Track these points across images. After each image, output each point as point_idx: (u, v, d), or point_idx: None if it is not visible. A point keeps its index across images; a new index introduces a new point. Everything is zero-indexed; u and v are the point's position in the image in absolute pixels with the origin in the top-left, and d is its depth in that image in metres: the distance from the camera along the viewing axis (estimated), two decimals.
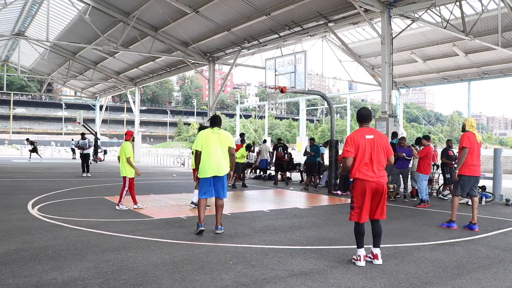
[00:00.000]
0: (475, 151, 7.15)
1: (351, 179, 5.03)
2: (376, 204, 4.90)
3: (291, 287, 4.03)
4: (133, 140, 9.17)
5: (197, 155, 6.28)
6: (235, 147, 6.70)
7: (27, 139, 31.80)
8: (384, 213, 4.96)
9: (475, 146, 7.13)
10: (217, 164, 6.20)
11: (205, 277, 4.25)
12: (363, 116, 5.03)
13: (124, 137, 9.18)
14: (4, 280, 4.04)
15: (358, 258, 4.86)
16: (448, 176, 11.54)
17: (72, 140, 37.01)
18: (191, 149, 6.61)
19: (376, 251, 4.92)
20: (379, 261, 4.89)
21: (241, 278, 4.25)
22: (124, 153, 8.67)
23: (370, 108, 5.60)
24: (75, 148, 31.29)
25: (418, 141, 11.26)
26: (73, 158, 33.43)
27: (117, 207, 8.50)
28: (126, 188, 8.62)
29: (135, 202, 8.73)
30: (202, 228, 6.23)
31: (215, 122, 6.45)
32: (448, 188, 11.78)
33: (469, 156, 7.10)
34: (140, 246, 5.45)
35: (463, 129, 7.39)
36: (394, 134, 12.11)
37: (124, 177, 8.65)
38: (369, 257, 4.96)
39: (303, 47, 19.85)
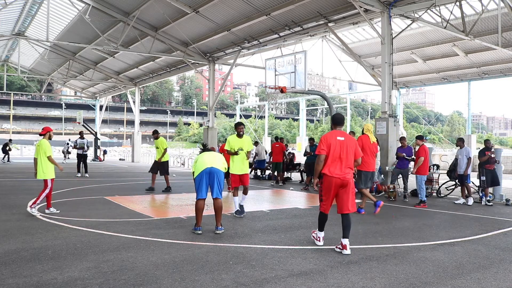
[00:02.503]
0: (368, 150, 8.68)
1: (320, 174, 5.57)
2: (344, 198, 5.41)
3: (291, 287, 4.03)
4: (50, 138, 7.95)
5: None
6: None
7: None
8: (354, 206, 5.49)
9: (368, 147, 8.70)
10: (211, 159, 6.44)
11: (205, 277, 4.25)
12: (338, 119, 5.68)
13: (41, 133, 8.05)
14: (4, 280, 4.04)
15: (318, 239, 5.69)
16: (483, 178, 10.73)
17: (69, 140, 34.84)
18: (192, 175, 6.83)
19: (345, 241, 5.33)
20: (347, 251, 5.28)
21: (241, 278, 4.25)
22: (43, 152, 7.68)
23: (342, 113, 6.16)
24: (70, 149, 30.01)
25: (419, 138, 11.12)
26: (63, 161, 31.92)
27: (30, 210, 7.69)
28: (47, 191, 7.75)
29: (49, 206, 7.90)
30: (199, 232, 6.29)
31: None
32: (484, 192, 10.90)
33: (364, 155, 8.24)
34: (140, 246, 5.45)
35: (362, 132, 9.07)
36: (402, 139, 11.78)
37: (46, 180, 7.73)
38: (339, 248, 5.39)
39: (303, 47, 19.86)
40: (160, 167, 12.24)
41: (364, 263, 4.92)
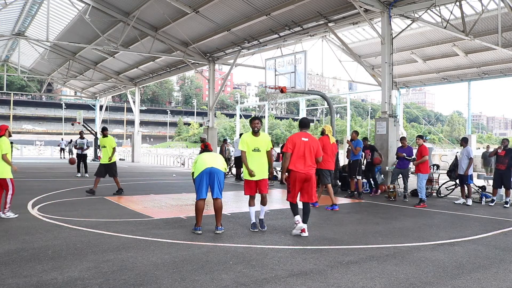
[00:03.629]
0: (328, 150, 9.38)
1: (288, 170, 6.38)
2: (306, 189, 6.30)
3: (291, 287, 4.03)
4: (9, 135, 7.61)
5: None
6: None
7: None
8: (313, 197, 6.35)
9: (328, 147, 9.41)
10: (212, 159, 6.39)
11: (205, 277, 4.25)
12: (304, 123, 6.63)
13: None
14: (4, 280, 4.04)
15: (297, 222, 6.28)
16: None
17: (62, 139, 37.37)
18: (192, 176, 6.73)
19: (304, 226, 6.28)
20: (306, 234, 6.26)
21: (241, 278, 4.25)
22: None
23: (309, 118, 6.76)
24: (70, 148, 31.37)
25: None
26: (60, 158, 33.60)
27: (3, 215, 7.28)
28: (11, 192, 7.35)
29: (5, 208, 7.36)
30: (199, 232, 6.28)
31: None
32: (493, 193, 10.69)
33: (324, 155, 8.91)
34: (140, 246, 5.45)
35: (322, 134, 9.79)
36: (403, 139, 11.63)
37: (4, 179, 7.32)
38: (299, 232, 6.26)
39: (303, 47, 19.87)
40: (108, 169, 11.08)
41: (364, 263, 4.92)
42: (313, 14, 15.42)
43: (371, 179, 12.43)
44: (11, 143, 7.83)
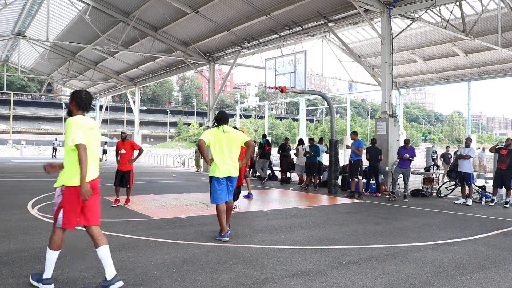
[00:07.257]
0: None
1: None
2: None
3: (291, 287, 4.03)
4: None
5: (202, 147, 5.66)
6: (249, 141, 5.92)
7: None
8: (242, 181, 8.20)
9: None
10: (228, 168, 5.83)
11: (205, 277, 4.24)
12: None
13: None
14: (4, 280, 4.03)
15: (238, 204, 8.61)
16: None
17: (55, 139, 38.38)
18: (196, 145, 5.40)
19: (237, 204, 8.45)
20: (238, 209, 8.37)
21: (241, 278, 4.25)
22: None
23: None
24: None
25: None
26: (52, 157, 34.14)
27: None
28: None
29: None
30: (227, 239, 5.81)
31: (221, 119, 5.83)
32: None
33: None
34: (140, 246, 5.45)
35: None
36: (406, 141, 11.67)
37: None
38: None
39: (303, 47, 19.86)
40: None
41: (364, 263, 4.92)
42: (313, 14, 15.42)
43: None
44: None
